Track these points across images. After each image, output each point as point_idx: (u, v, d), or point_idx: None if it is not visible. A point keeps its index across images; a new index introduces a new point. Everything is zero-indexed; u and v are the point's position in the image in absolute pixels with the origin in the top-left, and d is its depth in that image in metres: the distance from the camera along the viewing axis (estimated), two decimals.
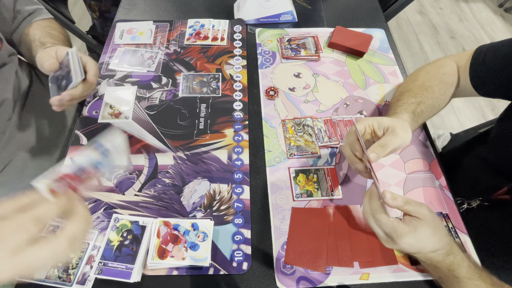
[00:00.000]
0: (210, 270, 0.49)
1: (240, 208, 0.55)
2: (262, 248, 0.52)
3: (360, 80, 0.73)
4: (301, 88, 0.71)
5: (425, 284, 0.49)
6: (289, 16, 0.83)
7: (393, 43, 0.80)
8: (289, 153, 0.61)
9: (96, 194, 0.55)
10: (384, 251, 0.51)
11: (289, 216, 0.54)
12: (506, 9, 2.23)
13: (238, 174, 0.58)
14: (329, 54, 0.77)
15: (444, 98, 0.59)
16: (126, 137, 0.45)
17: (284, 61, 0.76)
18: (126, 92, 0.68)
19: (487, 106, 1.71)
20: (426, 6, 2.26)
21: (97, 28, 1.36)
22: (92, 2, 1.24)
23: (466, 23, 2.16)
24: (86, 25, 1.47)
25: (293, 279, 0.49)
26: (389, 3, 1.11)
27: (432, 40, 2.03)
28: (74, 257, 0.48)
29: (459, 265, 0.42)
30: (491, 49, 0.56)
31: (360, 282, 0.49)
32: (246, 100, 0.68)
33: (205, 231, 0.50)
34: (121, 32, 0.78)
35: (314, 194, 0.56)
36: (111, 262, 0.47)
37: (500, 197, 0.56)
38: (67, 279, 0.46)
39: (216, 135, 0.63)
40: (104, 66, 0.72)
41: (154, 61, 0.73)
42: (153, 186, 0.56)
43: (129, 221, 0.51)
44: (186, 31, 0.80)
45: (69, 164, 0.39)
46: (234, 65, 0.74)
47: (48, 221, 0.27)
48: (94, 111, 0.65)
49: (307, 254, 0.50)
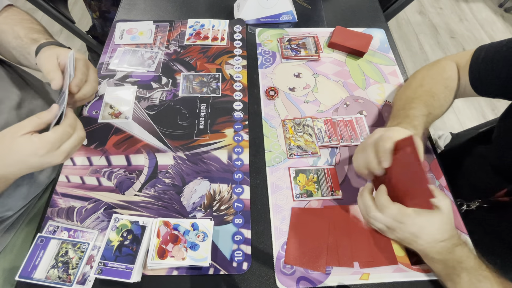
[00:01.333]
0: (210, 270, 0.49)
1: (240, 208, 0.55)
2: (262, 248, 0.52)
3: (360, 80, 0.73)
4: (301, 88, 0.71)
5: (425, 284, 0.49)
6: (289, 16, 0.83)
7: (393, 43, 0.80)
8: (289, 153, 0.61)
9: (96, 194, 0.55)
10: (384, 251, 0.51)
11: (289, 216, 0.54)
12: (506, 9, 2.23)
13: (238, 174, 0.58)
14: (329, 54, 0.77)
15: (447, 104, 0.59)
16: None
17: (284, 61, 0.76)
18: (126, 92, 0.68)
19: (487, 106, 1.71)
20: (426, 6, 2.26)
21: (97, 28, 1.36)
22: (92, 2, 1.24)
23: (466, 23, 2.16)
24: (86, 25, 1.47)
25: (293, 279, 0.49)
26: (389, 3, 1.11)
27: (432, 40, 2.03)
28: (74, 257, 0.48)
29: (468, 257, 0.43)
30: (491, 49, 0.55)
31: (360, 282, 0.49)
32: (246, 100, 0.68)
33: (205, 231, 0.50)
34: (121, 32, 0.78)
35: (314, 194, 0.56)
36: (111, 262, 0.47)
37: (499, 199, 0.56)
38: (67, 279, 0.46)
39: (216, 135, 0.63)
40: (104, 66, 0.72)
41: (154, 61, 0.73)
42: (153, 186, 0.56)
43: (129, 221, 0.51)
44: (186, 31, 0.80)
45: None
46: (234, 65, 0.74)
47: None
48: (94, 111, 0.65)
49: (307, 254, 0.50)
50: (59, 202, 0.54)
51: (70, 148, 0.44)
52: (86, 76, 0.52)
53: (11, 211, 0.59)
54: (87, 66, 0.53)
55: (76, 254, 0.48)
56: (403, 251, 0.51)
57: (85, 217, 0.53)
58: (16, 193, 0.58)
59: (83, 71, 0.51)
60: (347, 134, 0.63)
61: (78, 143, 0.46)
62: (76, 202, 0.54)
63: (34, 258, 0.47)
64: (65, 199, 0.55)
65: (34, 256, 0.48)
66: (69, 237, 0.50)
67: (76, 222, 0.52)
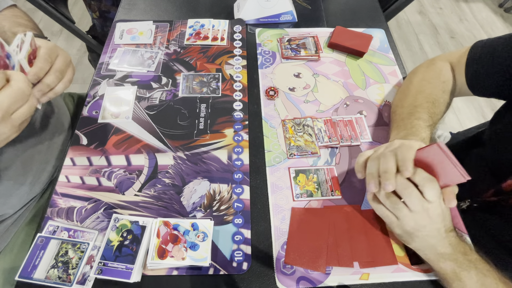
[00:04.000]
0: (210, 270, 0.49)
1: (240, 208, 0.55)
2: (262, 248, 0.52)
3: (360, 80, 0.73)
4: (301, 88, 0.71)
5: (425, 284, 0.49)
6: (289, 16, 0.83)
7: (393, 43, 0.80)
8: (289, 153, 0.61)
9: (96, 194, 0.55)
10: (384, 251, 0.51)
11: (289, 216, 0.54)
12: (506, 9, 2.23)
13: (238, 174, 0.58)
14: (329, 54, 0.77)
15: (446, 109, 0.58)
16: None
17: (284, 61, 0.76)
18: (126, 92, 0.68)
19: (487, 106, 1.71)
20: (426, 6, 2.26)
21: (97, 28, 1.36)
22: (92, 2, 1.24)
23: (466, 23, 2.16)
24: (86, 25, 1.47)
25: (293, 279, 0.49)
26: (389, 3, 1.11)
27: (432, 40, 2.03)
28: (74, 257, 0.48)
29: (471, 249, 0.43)
30: (487, 47, 0.55)
31: (360, 282, 0.49)
32: (246, 100, 0.68)
33: (205, 231, 0.50)
34: (121, 32, 0.78)
35: (314, 194, 0.56)
36: (111, 262, 0.47)
37: (487, 199, 0.56)
38: (67, 279, 0.46)
39: (216, 135, 0.63)
40: (104, 66, 0.72)
41: (154, 61, 0.73)
42: (153, 186, 0.56)
43: (129, 221, 0.51)
44: (186, 31, 0.80)
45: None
46: (234, 65, 0.74)
47: None
48: (94, 111, 0.65)
49: (307, 254, 0.50)
50: (59, 202, 0.54)
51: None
52: (49, 65, 0.48)
53: (12, 209, 0.59)
54: (52, 55, 0.49)
55: (76, 254, 0.48)
56: (403, 251, 0.51)
57: (85, 217, 0.53)
58: (18, 192, 0.58)
59: (45, 59, 0.47)
60: (347, 134, 0.63)
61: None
62: (76, 202, 0.54)
63: (34, 258, 0.47)
64: (65, 199, 0.55)
65: (34, 256, 0.48)
66: (69, 237, 0.50)
67: (76, 222, 0.52)
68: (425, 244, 0.45)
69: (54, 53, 0.49)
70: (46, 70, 0.47)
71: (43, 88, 0.47)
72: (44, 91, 0.48)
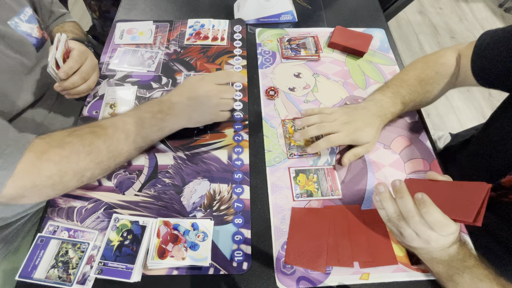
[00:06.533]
0: (210, 270, 0.49)
1: (240, 208, 0.55)
2: (262, 248, 0.52)
3: (360, 80, 0.73)
4: (301, 88, 0.71)
5: (425, 284, 0.49)
6: (289, 16, 0.83)
7: (393, 43, 0.80)
8: (289, 153, 0.61)
9: (96, 194, 0.55)
10: (384, 251, 0.51)
11: (289, 216, 0.54)
12: (506, 9, 2.23)
13: (238, 174, 0.58)
14: (329, 54, 0.77)
15: (438, 89, 0.60)
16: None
17: (284, 61, 0.76)
18: (126, 92, 0.68)
19: (487, 106, 1.71)
20: (426, 6, 2.26)
21: (97, 28, 1.36)
22: (92, 2, 1.24)
23: (466, 23, 2.16)
24: (86, 25, 1.47)
25: (293, 279, 0.49)
26: (389, 3, 1.11)
27: (432, 40, 2.03)
28: (74, 256, 0.48)
29: (470, 255, 0.43)
30: (495, 36, 0.55)
31: (360, 282, 0.49)
32: (246, 100, 0.68)
33: (205, 231, 0.50)
34: (121, 32, 0.78)
35: (314, 194, 0.56)
36: (111, 262, 0.47)
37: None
38: (67, 279, 0.46)
39: (216, 135, 0.63)
40: (104, 66, 0.72)
41: (154, 61, 0.73)
42: (153, 186, 0.56)
43: (129, 221, 0.51)
44: (186, 31, 0.80)
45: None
46: (234, 65, 0.74)
47: None
48: (94, 111, 0.65)
49: (307, 254, 0.50)
50: (59, 202, 0.54)
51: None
52: (79, 66, 0.55)
53: (23, 211, 0.60)
54: (82, 57, 0.57)
55: (76, 254, 0.48)
56: (403, 251, 0.51)
57: (85, 217, 0.53)
58: None
59: (76, 60, 0.55)
60: None
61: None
62: (76, 202, 0.54)
63: (34, 258, 0.47)
64: (65, 199, 0.55)
65: (34, 256, 0.48)
66: (69, 237, 0.50)
67: (76, 222, 0.52)
68: (425, 250, 0.45)
69: (84, 56, 0.59)
70: (75, 69, 0.55)
71: (69, 86, 0.54)
72: (72, 89, 0.56)
